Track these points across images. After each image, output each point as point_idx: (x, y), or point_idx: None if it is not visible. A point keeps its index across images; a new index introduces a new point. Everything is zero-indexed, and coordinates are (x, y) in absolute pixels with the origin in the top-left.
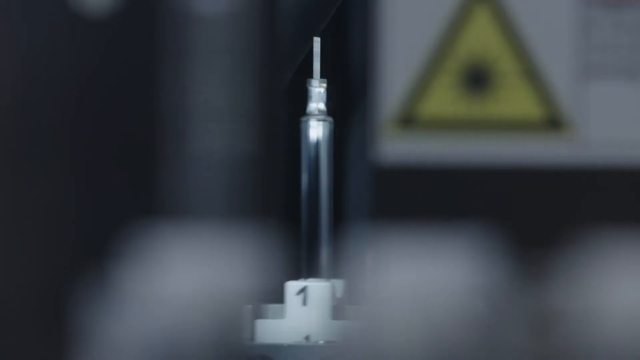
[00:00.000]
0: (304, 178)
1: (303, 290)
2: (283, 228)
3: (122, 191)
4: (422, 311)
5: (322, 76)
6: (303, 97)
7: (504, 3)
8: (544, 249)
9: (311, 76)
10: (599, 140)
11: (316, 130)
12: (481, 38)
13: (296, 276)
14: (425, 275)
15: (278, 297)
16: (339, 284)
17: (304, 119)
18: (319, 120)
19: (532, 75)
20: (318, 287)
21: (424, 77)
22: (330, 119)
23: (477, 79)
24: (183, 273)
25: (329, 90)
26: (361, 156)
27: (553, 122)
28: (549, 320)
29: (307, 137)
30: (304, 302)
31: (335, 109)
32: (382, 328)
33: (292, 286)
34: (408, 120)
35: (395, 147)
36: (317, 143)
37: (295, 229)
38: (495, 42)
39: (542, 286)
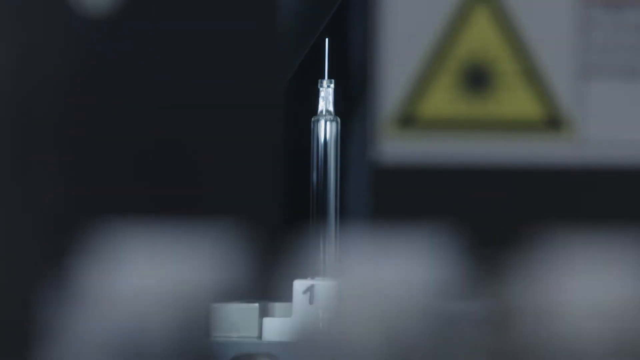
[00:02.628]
0: (313, 177)
1: (309, 289)
2: (290, 227)
3: (85, 189)
4: (391, 308)
5: (322, 76)
6: (303, 97)
7: (503, 3)
8: (545, 247)
9: (312, 76)
10: (598, 140)
11: (325, 130)
12: (481, 38)
13: (304, 275)
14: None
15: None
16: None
17: (313, 118)
18: (327, 120)
19: (532, 75)
20: (324, 286)
21: (424, 77)
22: (338, 118)
23: (477, 79)
24: (147, 271)
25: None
26: (361, 155)
27: (553, 122)
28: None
29: (316, 136)
30: (310, 301)
31: (336, 109)
32: (358, 325)
33: (299, 284)
34: (408, 120)
35: (395, 146)
36: (326, 142)
37: (303, 228)
38: (495, 42)
39: (536, 283)
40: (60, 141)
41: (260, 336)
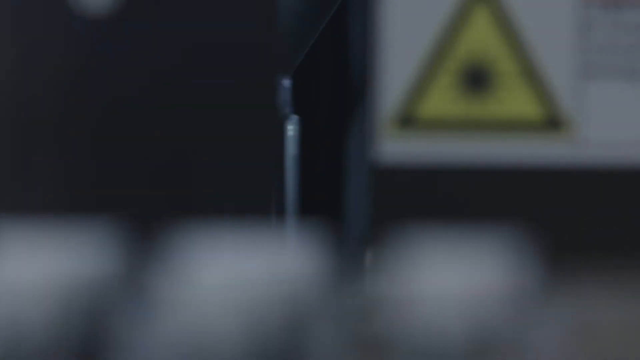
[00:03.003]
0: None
1: None
2: (316, 228)
3: (85, 188)
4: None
5: (322, 75)
6: (303, 95)
7: (503, 3)
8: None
9: (312, 74)
10: (597, 140)
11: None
12: (481, 38)
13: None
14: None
15: None
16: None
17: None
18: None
19: (531, 75)
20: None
21: (424, 77)
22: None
23: (477, 79)
24: (27, 266)
25: (329, 90)
26: (360, 156)
27: (552, 122)
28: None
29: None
30: None
31: (335, 109)
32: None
33: None
34: (407, 120)
35: (395, 146)
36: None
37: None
38: (495, 42)
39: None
40: (60, 141)
41: None
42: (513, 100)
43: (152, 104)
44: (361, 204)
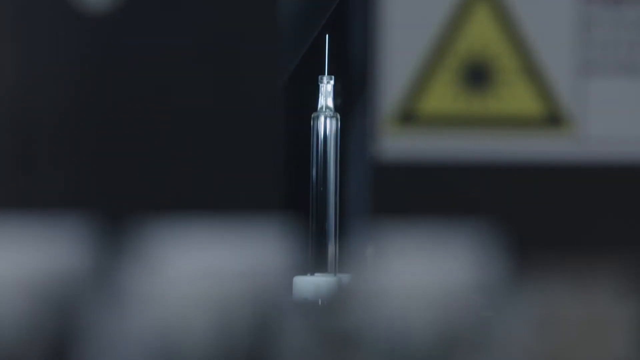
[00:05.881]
0: (313, 173)
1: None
2: (290, 223)
3: (87, 186)
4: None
5: (322, 72)
6: (303, 94)
7: (504, 0)
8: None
9: (313, 72)
10: (598, 137)
11: (324, 126)
12: (481, 35)
13: (304, 271)
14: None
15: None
16: (344, 278)
17: (313, 114)
18: (327, 116)
19: (532, 71)
20: (327, 282)
21: (424, 74)
22: (338, 115)
23: (477, 75)
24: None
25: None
26: (361, 152)
27: (553, 119)
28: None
29: (315, 132)
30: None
31: (336, 106)
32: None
33: (300, 281)
34: (408, 117)
35: (396, 143)
36: (325, 139)
37: (303, 225)
38: (495, 39)
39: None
40: (61, 140)
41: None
42: (514, 97)
43: (136, 101)
44: (362, 200)
